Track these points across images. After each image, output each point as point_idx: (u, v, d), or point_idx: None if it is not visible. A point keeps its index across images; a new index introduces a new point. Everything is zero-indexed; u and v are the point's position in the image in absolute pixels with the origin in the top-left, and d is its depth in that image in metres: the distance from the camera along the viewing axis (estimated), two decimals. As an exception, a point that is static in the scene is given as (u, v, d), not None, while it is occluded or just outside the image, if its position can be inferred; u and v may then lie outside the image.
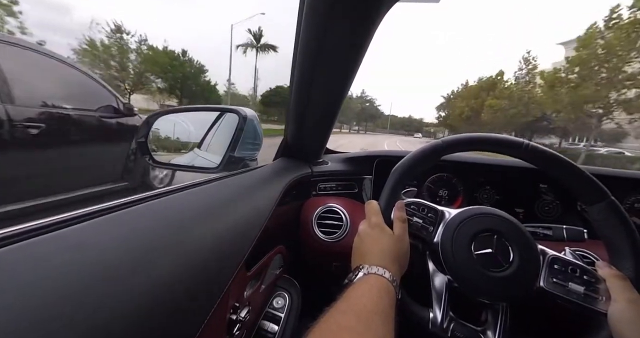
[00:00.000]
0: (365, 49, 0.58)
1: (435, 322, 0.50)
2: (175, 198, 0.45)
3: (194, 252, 0.37)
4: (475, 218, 0.53)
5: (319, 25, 0.53)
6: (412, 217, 0.55)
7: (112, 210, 0.35)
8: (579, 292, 0.47)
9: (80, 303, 0.24)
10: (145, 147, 0.77)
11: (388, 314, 0.37)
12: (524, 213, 0.89)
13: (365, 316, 0.35)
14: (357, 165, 1.04)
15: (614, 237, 0.49)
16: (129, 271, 0.28)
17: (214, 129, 0.92)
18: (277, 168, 0.83)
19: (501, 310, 0.50)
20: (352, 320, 0.34)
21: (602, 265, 0.48)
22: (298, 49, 0.61)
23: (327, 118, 0.84)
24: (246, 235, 0.50)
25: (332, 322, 0.35)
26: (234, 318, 0.49)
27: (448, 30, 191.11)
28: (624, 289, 0.43)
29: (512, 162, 0.86)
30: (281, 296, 0.75)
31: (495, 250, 0.50)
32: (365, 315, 0.35)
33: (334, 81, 0.68)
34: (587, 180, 0.50)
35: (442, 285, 0.53)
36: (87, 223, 0.31)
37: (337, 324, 0.34)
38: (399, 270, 0.46)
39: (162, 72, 23.11)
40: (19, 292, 0.22)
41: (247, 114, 0.73)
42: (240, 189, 0.59)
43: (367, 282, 0.41)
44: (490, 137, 0.56)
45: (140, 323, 0.27)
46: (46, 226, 0.29)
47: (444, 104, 48.61)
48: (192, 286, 0.35)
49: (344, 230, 0.81)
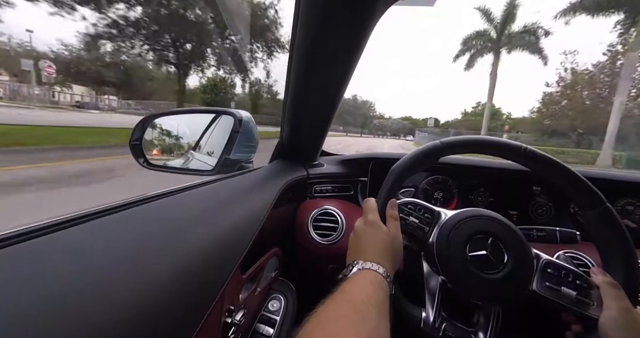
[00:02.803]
0: (361, 51, 0.59)
1: (427, 322, 0.50)
2: (170, 201, 0.45)
3: (189, 255, 0.37)
4: (470, 220, 0.53)
5: (315, 29, 0.53)
6: (408, 216, 0.56)
7: (106, 213, 0.35)
8: (571, 297, 0.47)
9: (73, 307, 0.23)
10: (139, 149, 0.76)
11: (382, 306, 0.37)
12: (517, 216, 0.90)
13: (360, 307, 0.36)
14: (352, 168, 1.04)
15: (607, 243, 0.50)
16: (123, 274, 0.28)
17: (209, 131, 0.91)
18: (273, 170, 0.83)
19: (493, 311, 0.51)
20: (348, 309, 0.35)
21: (597, 272, 0.48)
22: (294, 51, 0.61)
23: (323, 120, 0.84)
24: (241, 238, 0.50)
25: (329, 310, 0.35)
26: (229, 322, 0.49)
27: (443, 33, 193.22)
28: (617, 297, 0.44)
29: (506, 164, 0.87)
30: (277, 299, 0.75)
31: (490, 252, 0.50)
32: (360, 305, 0.36)
33: (329, 84, 0.69)
34: (583, 185, 0.50)
35: (435, 286, 0.53)
36: (80, 226, 0.31)
37: (333, 312, 0.35)
38: (393, 267, 0.47)
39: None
40: (12, 294, 0.22)
41: (243, 116, 0.72)
42: (235, 192, 0.59)
43: (361, 276, 0.42)
44: (489, 140, 0.56)
45: (134, 327, 0.27)
46: (39, 229, 0.28)
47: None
48: (187, 289, 0.35)
49: (340, 233, 0.81)
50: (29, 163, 4.31)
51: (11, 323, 0.20)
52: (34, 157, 4.88)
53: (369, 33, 0.54)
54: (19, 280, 0.23)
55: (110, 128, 10.07)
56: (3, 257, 0.24)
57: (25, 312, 0.21)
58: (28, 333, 0.20)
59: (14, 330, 0.20)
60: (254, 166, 0.82)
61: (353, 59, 0.60)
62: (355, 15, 0.49)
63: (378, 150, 10.41)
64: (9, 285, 0.22)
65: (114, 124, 11.15)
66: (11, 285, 0.22)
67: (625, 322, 0.42)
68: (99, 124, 12.20)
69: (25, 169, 4.04)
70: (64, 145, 6.18)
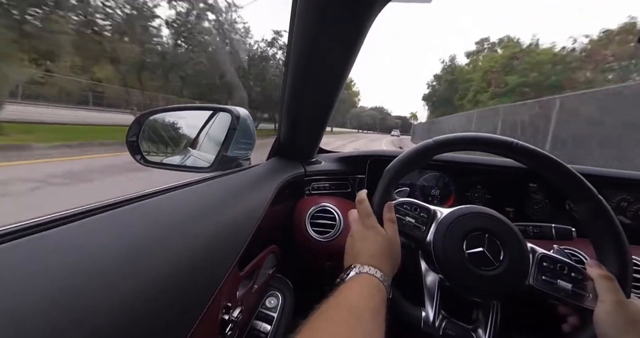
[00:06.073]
0: (358, 48, 0.58)
1: (427, 321, 0.51)
2: (167, 198, 0.45)
3: (186, 252, 0.37)
4: (466, 217, 0.54)
5: (312, 26, 0.53)
6: (404, 216, 0.56)
7: (102, 210, 0.35)
8: (567, 289, 0.48)
9: (69, 305, 0.23)
10: (136, 146, 0.76)
11: (378, 311, 0.38)
12: (514, 213, 0.90)
13: (356, 311, 0.36)
14: (350, 165, 1.04)
15: (600, 236, 0.50)
16: (119, 272, 0.28)
17: (206, 128, 0.91)
18: (270, 168, 0.83)
19: (492, 308, 0.51)
20: (344, 314, 0.35)
21: (592, 264, 0.49)
22: (291, 49, 0.61)
23: (320, 117, 0.84)
24: (239, 235, 0.50)
25: (324, 316, 0.35)
26: (227, 318, 0.49)
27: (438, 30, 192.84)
28: (611, 290, 0.44)
29: (503, 161, 0.88)
30: (274, 296, 0.75)
31: (487, 248, 0.50)
32: (356, 310, 0.36)
33: (326, 81, 0.68)
34: (575, 179, 0.51)
35: (434, 284, 0.53)
36: (76, 224, 0.31)
37: (328, 318, 0.35)
38: (391, 270, 0.47)
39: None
40: (4, 294, 0.21)
41: (240, 113, 0.72)
42: (233, 189, 0.59)
43: (358, 280, 0.42)
44: (480, 136, 0.56)
45: (131, 324, 0.27)
46: (33, 226, 0.28)
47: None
48: (184, 286, 0.35)
49: (337, 230, 0.82)
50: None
51: (5, 324, 0.20)
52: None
53: (367, 29, 0.54)
54: (13, 278, 0.23)
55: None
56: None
57: (20, 311, 0.21)
58: (23, 333, 0.20)
59: (9, 330, 0.20)
60: (252, 163, 0.82)
61: (350, 56, 0.60)
62: (353, 12, 0.49)
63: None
64: (3, 283, 0.22)
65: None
66: (5, 284, 0.22)
67: (619, 314, 0.42)
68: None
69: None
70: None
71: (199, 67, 12.42)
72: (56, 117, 10.36)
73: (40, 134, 6.79)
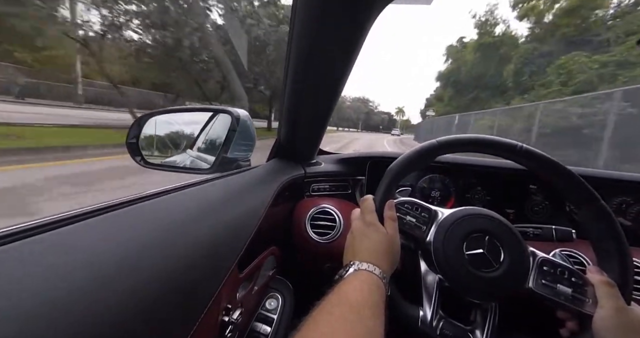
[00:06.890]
0: (358, 49, 0.58)
1: (425, 320, 0.51)
2: (167, 200, 0.44)
3: (186, 254, 0.37)
4: (467, 218, 0.54)
5: (312, 27, 0.53)
6: (405, 215, 0.56)
7: (103, 211, 0.35)
8: (567, 294, 0.47)
9: (69, 306, 0.23)
10: (136, 148, 0.76)
11: (378, 308, 0.38)
12: (514, 214, 0.90)
13: (357, 308, 0.36)
14: (350, 166, 1.04)
15: (602, 241, 0.50)
16: (119, 273, 0.28)
17: (206, 130, 0.91)
18: (270, 169, 0.83)
19: (490, 309, 0.51)
20: (344, 310, 0.35)
21: (593, 270, 0.48)
22: (291, 50, 0.61)
23: (320, 119, 0.84)
24: (239, 237, 0.50)
25: (325, 312, 0.35)
26: (226, 320, 0.49)
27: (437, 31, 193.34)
28: (612, 296, 0.44)
29: (503, 163, 0.88)
30: (274, 297, 0.75)
31: (486, 250, 0.50)
32: (356, 306, 0.36)
33: (327, 82, 0.69)
34: (578, 183, 0.51)
35: (433, 284, 0.53)
36: (76, 225, 0.31)
37: (329, 314, 0.35)
38: (390, 268, 0.47)
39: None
40: (5, 295, 0.21)
41: (240, 115, 0.72)
42: (233, 190, 0.59)
43: (357, 277, 0.42)
44: (485, 138, 0.56)
45: (130, 326, 0.27)
46: (34, 228, 0.28)
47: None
48: (184, 288, 0.35)
49: (337, 231, 0.81)
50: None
51: (6, 324, 0.20)
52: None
53: (367, 31, 0.54)
54: (12, 280, 0.23)
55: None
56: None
57: (20, 313, 0.21)
58: (22, 334, 0.20)
59: (9, 331, 0.20)
60: (252, 165, 0.82)
61: (351, 56, 0.60)
62: (353, 13, 0.49)
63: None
64: (4, 284, 0.22)
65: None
66: (6, 285, 0.22)
67: (619, 321, 0.42)
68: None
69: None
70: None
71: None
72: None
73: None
